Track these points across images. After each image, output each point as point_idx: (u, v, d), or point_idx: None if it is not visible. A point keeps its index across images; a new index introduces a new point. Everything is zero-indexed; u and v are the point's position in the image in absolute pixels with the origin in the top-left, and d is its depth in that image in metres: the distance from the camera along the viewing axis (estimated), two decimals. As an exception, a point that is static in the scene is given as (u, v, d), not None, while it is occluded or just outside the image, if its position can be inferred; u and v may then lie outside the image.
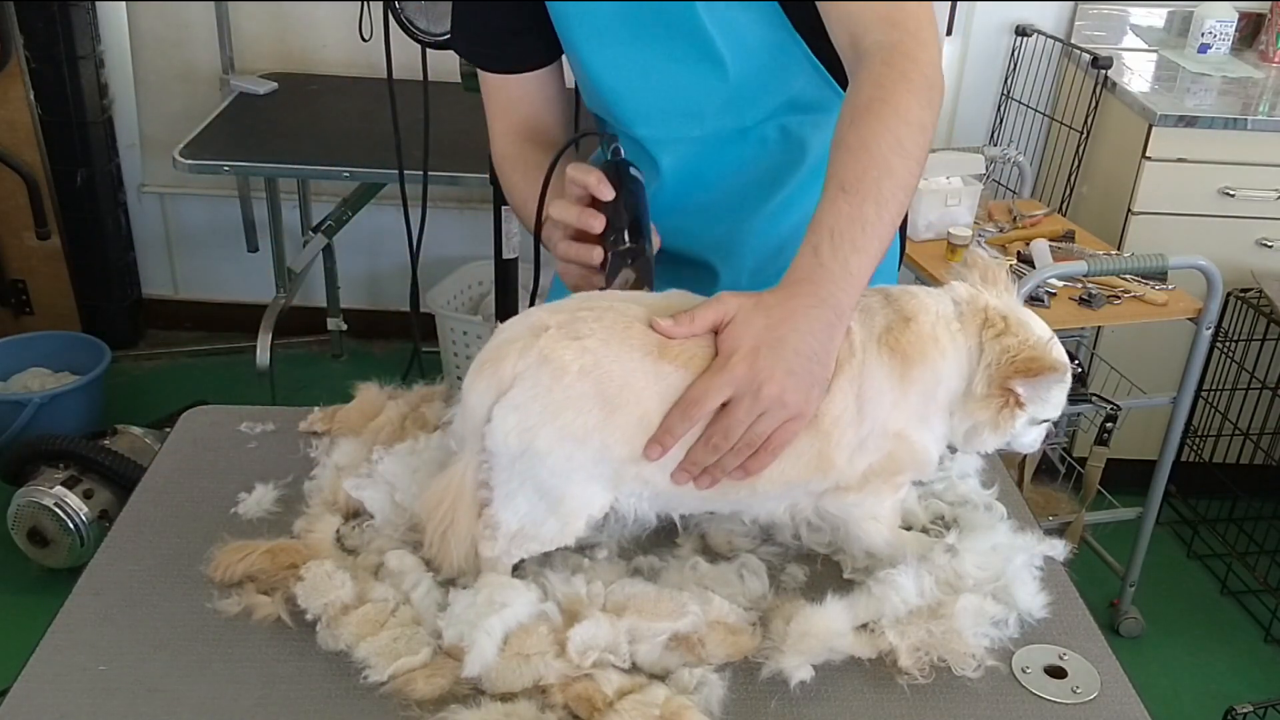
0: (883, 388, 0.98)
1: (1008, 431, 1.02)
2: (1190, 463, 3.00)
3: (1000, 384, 0.99)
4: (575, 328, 0.94)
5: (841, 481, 1.01)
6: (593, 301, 0.98)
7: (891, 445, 1.00)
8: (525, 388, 0.93)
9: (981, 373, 0.99)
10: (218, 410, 1.33)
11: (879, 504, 1.04)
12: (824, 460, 0.99)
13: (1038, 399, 1.01)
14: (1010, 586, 1.02)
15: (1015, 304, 1.04)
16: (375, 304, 3.66)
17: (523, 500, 0.97)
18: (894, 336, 0.98)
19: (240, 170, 2.90)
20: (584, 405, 0.92)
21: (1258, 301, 2.82)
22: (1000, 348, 0.99)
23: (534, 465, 0.95)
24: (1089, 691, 0.97)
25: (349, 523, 1.10)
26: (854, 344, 0.98)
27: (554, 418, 0.93)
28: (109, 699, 0.92)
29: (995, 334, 1.00)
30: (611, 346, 0.93)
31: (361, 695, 0.92)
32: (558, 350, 0.92)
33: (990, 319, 1.01)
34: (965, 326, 1.00)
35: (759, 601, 1.02)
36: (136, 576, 1.05)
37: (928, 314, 1.00)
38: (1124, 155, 2.84)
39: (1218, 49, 3.14)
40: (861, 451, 0.99)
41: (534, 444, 0.94)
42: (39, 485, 2.56)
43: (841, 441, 0.98)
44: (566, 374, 0.92)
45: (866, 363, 0.98)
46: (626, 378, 0.93)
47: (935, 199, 2.58)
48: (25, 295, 3.42)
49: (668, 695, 0.91)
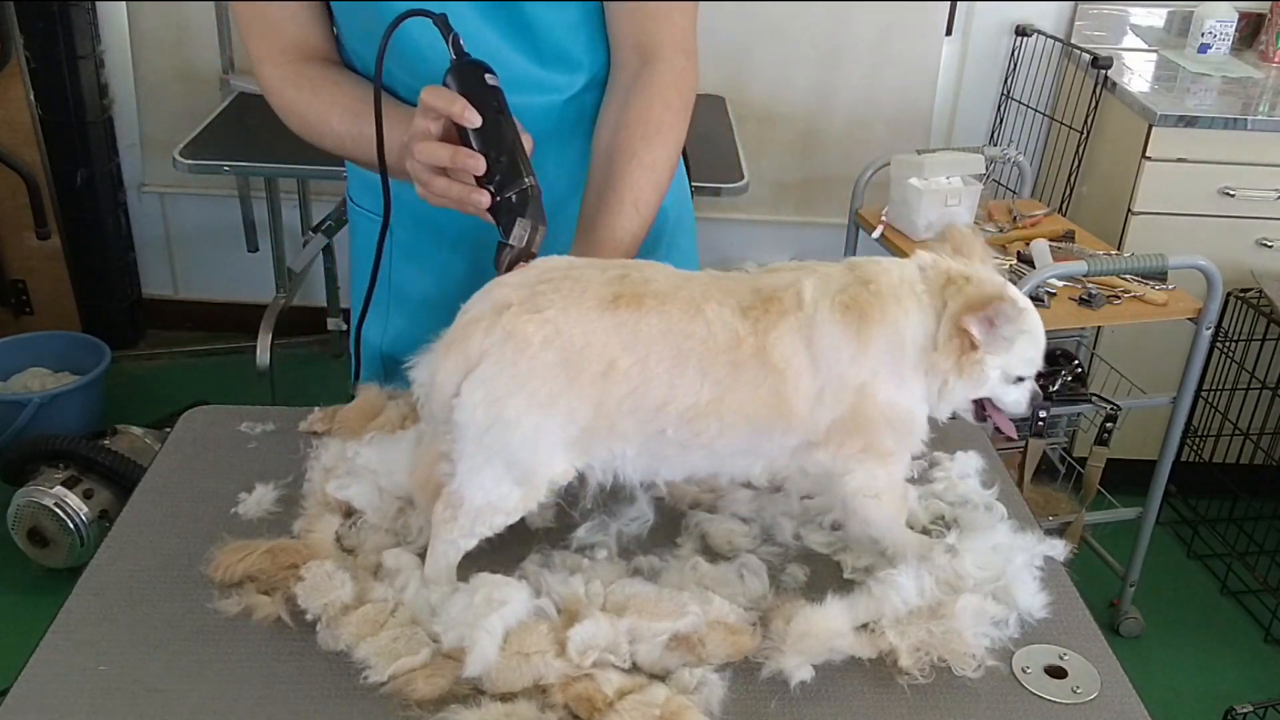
0: (837, 343, 1.00)
1: (976, 380, 1.03)
2: (1190, 463, 3.00)
3: (954, 326, 1.00)
4: (535, 301, 0.98)
5: (809, 435, 1.03)
6: (550, 273, 1.01)
7: (855, 399, 1.01)
8: (492, 362, 0.96)
9: (944, 324, 1.01)
10: (218, 410, 1.33)
11: (871, 476, 1.04)
12: (782, 403, 1.00)
13: (995, 339, 1.01)
14: (1010, 586, 1.02)
15: (984, 269, 1.05)
16: (375, 304, 3.66)
17: (489, 474, 0.99)
18: (849, 295, 1.01)
19: (240, 170, 2.91)
20: (549, 374, 0.96)
21: (1258, 301, 2.82)
22: (962, 298, 1.01)
23: (503, 435, 0.97)
24: (1089, 691, 0.97)
25: (347, 522, 1.10)
26: (803, 299, 1.00)
27: (521, 387, 0.96)
28: (109, 699, 0.92)
29: (957, 289, 1.02)
30: (570, 312, 0.97)
31: (362, 695, 0.92)
32: (520, 325, 0.96)
33: (952, 278, 1.03)
34: (930, 287, 1.02)
35: (759, 601, 1.02)
36: (136, 576, 1.05)
37: (889, 276, 1.03)
38: (1124, 155, 2.84)
39: (1218, 49, 3.14)
40: (821, 403, 1.01)
41: (503, 414, 0.96)
42: (39, 485, 2.57)
43: (799, 386, 1.00)
44: (530, 346, 0.96)
45: (816, 317, 1.00)
46: (587, 337, 0.97)
47: (935, 199, 2.58)
48: (25, 295, 3.42)
49: (668, 695, 0.91)
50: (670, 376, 0.98)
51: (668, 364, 0.98)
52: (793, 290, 1.01)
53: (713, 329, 0.99)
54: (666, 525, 1.12)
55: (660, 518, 1.12)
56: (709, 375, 0.99)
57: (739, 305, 1.00)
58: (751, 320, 1.00)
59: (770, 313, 1.00)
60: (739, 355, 0.99)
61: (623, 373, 0.97)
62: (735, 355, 0.99)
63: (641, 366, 0.98)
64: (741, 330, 0.99)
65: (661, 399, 0.99)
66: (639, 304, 0.98)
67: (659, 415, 0.99)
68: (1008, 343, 1.02)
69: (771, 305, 1.00)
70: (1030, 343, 1.05)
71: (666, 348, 0.98)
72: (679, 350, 0.98)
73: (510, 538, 1.08)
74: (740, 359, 0.99)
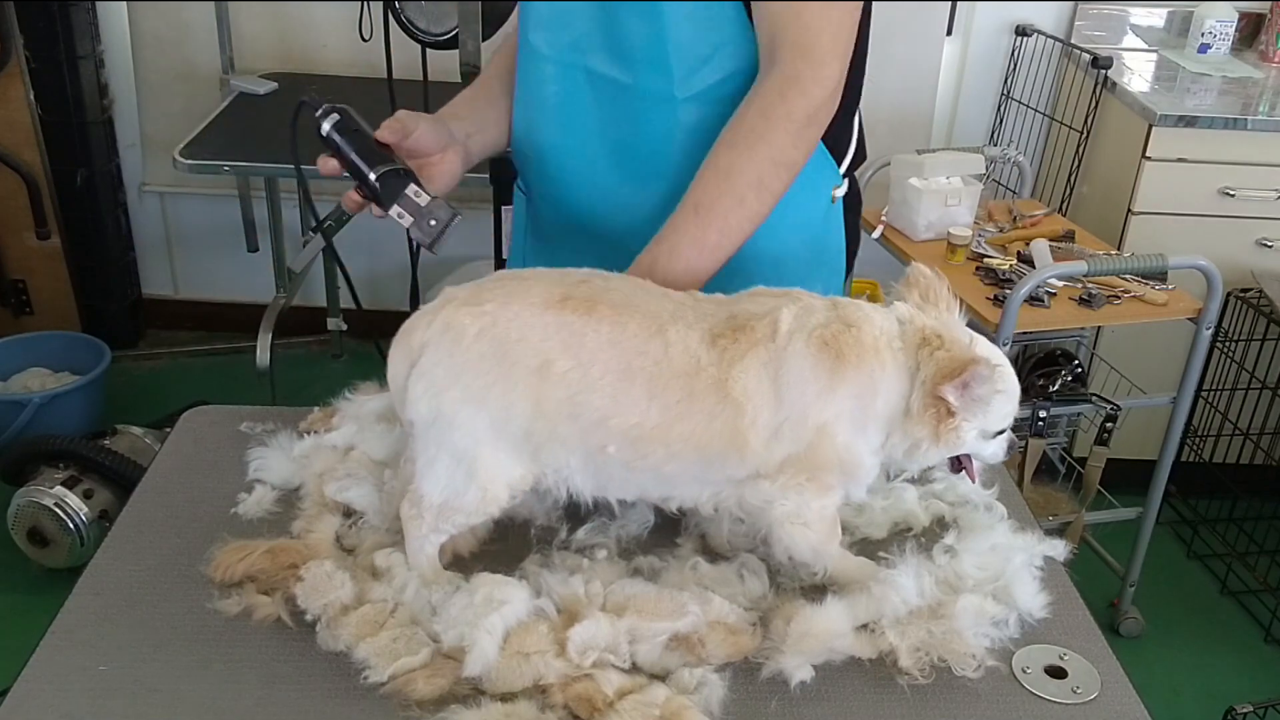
0: (806, 377, 0.98)
1: (952, 444, 1.01)
2: (1190, 463, 3.00)
3: (931, 394, 0.98)
4: (478, 295, 0.99)
5: (761, 469, 1.00)
6: (503, 278, 1.02)
7: (813, 438, 0.99)
8: (430, 354, 0.98)
9: (917, 389, 0.99)
10: (218, 410, 1.33)
11: (803, 504, 1.01)
12: (737, 436, 0.98)
13: (972, 404, 0.99)
14: (1010, 586, 1.02)
15: (953, 322, 1.04)
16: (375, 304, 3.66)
17: (441, 468, 1.00)
18: (830, 333, 0.98)
19: (240, 170, 2.90)
20: (482, 366, 0.97)
21: (1258, 301, 2.82)
22: (934, 362, 0.99)
23: (445, 430, 0.98)
24: (1089, 691, 0.97)
25: (346, 522, 1.10)
26: (778, 330, 0.98)
27: (456, 380, 0.97)
28: (109, 699, 0.92)
29: (930, 351, 1.00)
30: (509, 306, 0.98)
31: (362, 695, 0.92)
32: (458, 316, 0.97)
33: (927, 337, 1.00)
34: (906, 345, 1.00)
35: (759, 601, 1.02)
36: (136, 576, 1.05)
37: (872, 326, 1.00)
38: (1124, 155, 2.84)
39: (1218, 49, 3.14)
40: (778, 438, 0.99)
41: (441, 408, 0.97)
42: (39, 485, 2.56)
43: (756, 421, 0.98)
44: (465, 336, 0.96)
45: (789, 350, 0.98)
46: (523, 332, 0.96)
47: (935, 199, 2.58)
48: (25, 295, 3.42)
49: (668, 695, 0.91)
50: (614, 390, 0.97)
51: (612, 376, 0.97)
52: (769, 319, 0.99)
53: (671, 352, 0.97)
54: (666, 525, 1.12)
55: (660, 518, 1.12)
56: (658, 398, 0.97)
57: (709, 331, 0.99)
58: (719, 349, 0.98)
59: (740, 342, 0.98)
60: (695, 384, 0.97)
61: (560, 375, 0.96)
62: (691, 383, 0.97)
63: (582, 372, 0.96)
64: (704, 359, 0.97)
65: (603, 411, 0.97)
66: (589, 309, 0.97)
67: (600, 429, 0.98)
68: (984, 404, 1.00)
69: (743, 334, 0.98)
70: (1006, 400, 1.03)
71: (613, 359, 0.97)
72: (627, 365, 0.97)
73: (511, 538, 1.08)
74: (696, 388, 0.97)
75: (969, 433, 1.01)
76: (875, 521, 1.14)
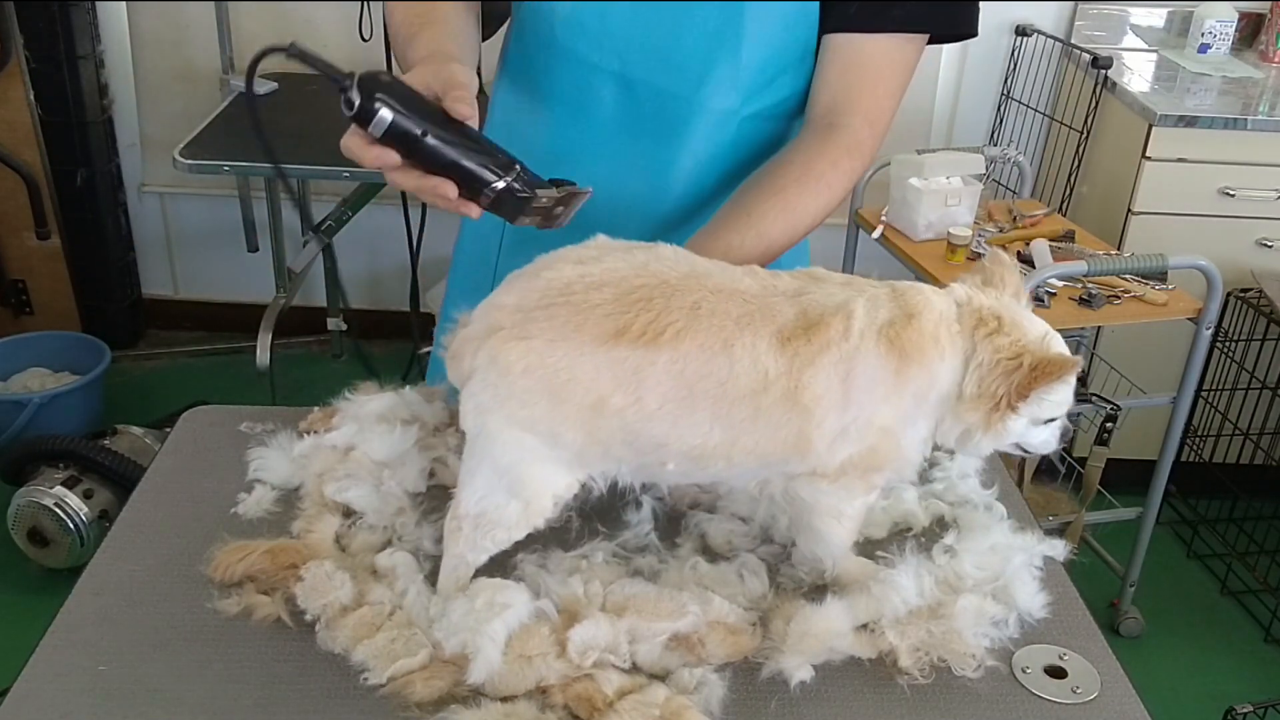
0: (875, 379, 0.96)
1: (1003, 435, 0.99)
2: (1190, 463, 3.00)
3: (1018, 393, 0.95)
4: (525, 328, 0.95)
5: (819, 468, 0.99)
6: (550, 297, 0.96)
7: (876, 439, 0.98)
8: (477, 380, 0.97)
9: (972, 373, 0.97)
10: (218, 410, 1.32)
11: (849, 500, 1.01)
12: (803, 440, 0.96)
13: (1037, 400, 0.97)
14: (1010, 586, 1.02)
15: (1015, 306, 1.01)
16: (375, 304, 3.67)
17: (481, 480, 0.98)
18: (895, 331, 0.96)
19: (240, 170, 2.91)
20: (529, 399, 0.95)
21: (1258, 301, 2.82)
22: (992, 348, 0.97)
23: (488, 444, 0.97)
24: (1089, 691, 0.97)
25: (346, 522, 1.10)
26: (852, 330, 0.95)
27: (501, 406, 0.96)
28: (109, 699, 0.92)
29: (987, 333, 0.97)
30: (558, 344, 0.94)
31: (362, 695, 0.92)
32: (504, 351, 0.94)
33: (984, 318, 0.98)
34: (963, 328, 0.98)
35: (759, 601, 1.02)
36: (136, 576, 1.05)
37: (932, 312, 0.98)
38: (1124, 155, 2.84)
39: (1218, 49, 3.14)
40: (844, 439, 0.97)
41: (486, 426, 0.96)
42: (39, 485, 2.57)
43: (824, 424, 0.96)
44: (511, 372, 0.94)
45: (862, 350, 0.95)
46: (573, 371, 0.93)
47: (935, 199, 2.58)
48: (25, 295, 3.43)
49: (668, 695, 0.91)
50: (674, 417, 0.94)
51: (672, 405, 0.94)
52: (843, 314, 0.96)
53: (736, 369, 0.93)
54: (666, 525, 1.12)
55: (660, 518, 1.12)
56: (722, 419, 0.94)
57: (779, 333, 0.95)
58: (789, 354, 0.94)
59: (813, 343, 0.94)
60: (763, 400, 0.94)
61: (615, 410, 0.94)
62: (758, 400, 0.94)
63: (639, 407, 0.93)
64: (773, 370, 0.93)
65: (661, 438, 0.95)
66: (650, 340, 0.93)
67: (659, 451, 0.96)
68: (1047, 400, 0.98)
69: (816, 333, 0.95)
70: (1066, 389, 0.99)
71: (672, 388, 0.93)
72: (689, 391, 0.93)
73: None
74: (764, 404, 0.94)
75: (1019, 421, 0.99)
76: (875, 521, 1.14)
